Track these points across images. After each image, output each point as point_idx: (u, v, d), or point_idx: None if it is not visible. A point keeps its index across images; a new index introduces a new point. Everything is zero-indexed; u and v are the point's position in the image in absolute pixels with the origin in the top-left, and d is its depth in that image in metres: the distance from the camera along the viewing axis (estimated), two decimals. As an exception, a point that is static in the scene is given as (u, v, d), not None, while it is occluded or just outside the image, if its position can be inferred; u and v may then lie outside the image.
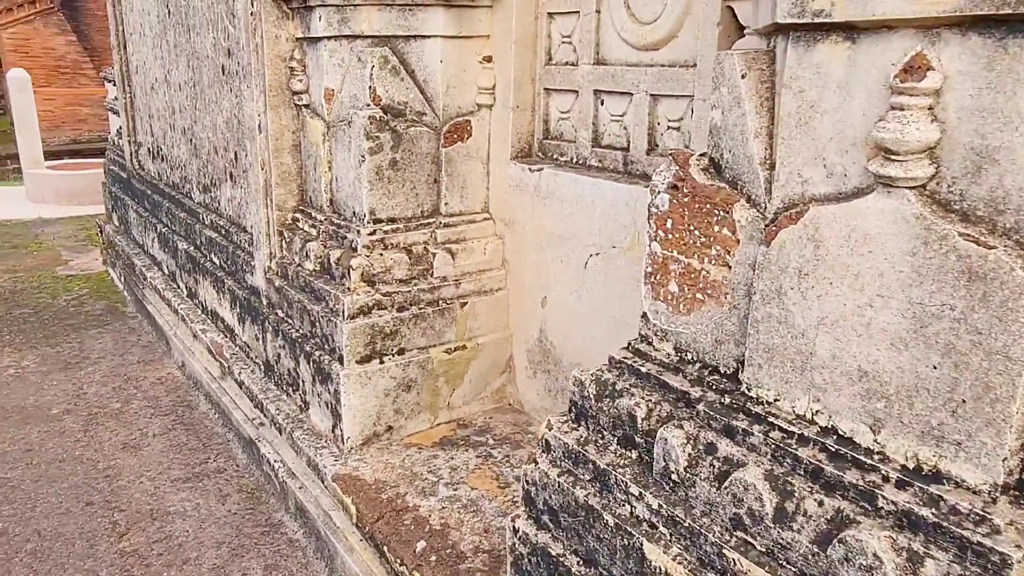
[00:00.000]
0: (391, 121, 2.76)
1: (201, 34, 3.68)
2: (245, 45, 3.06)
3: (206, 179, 3.97)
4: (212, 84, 3.65)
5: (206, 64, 3.68)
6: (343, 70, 2.86)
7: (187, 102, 4.04)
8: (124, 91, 5.09)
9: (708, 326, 1.54)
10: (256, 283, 3.37)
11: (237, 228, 3.62)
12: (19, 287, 5.77)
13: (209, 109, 3.74)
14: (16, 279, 5.95)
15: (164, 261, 4.71)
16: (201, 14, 3.63)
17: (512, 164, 2.92)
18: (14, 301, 5.48)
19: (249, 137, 3.19)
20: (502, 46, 2.87)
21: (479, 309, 3.00)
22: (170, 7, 4.02)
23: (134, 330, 4.98)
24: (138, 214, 5.14)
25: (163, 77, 4.36)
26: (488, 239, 3.04)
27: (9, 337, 4.86)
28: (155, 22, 4.31)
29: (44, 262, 6.40)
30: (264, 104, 3.02)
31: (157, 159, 4.80)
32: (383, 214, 2.82)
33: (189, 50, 3.88)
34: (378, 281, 2.79)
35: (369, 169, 2.74)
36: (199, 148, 3.99)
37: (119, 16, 4.94)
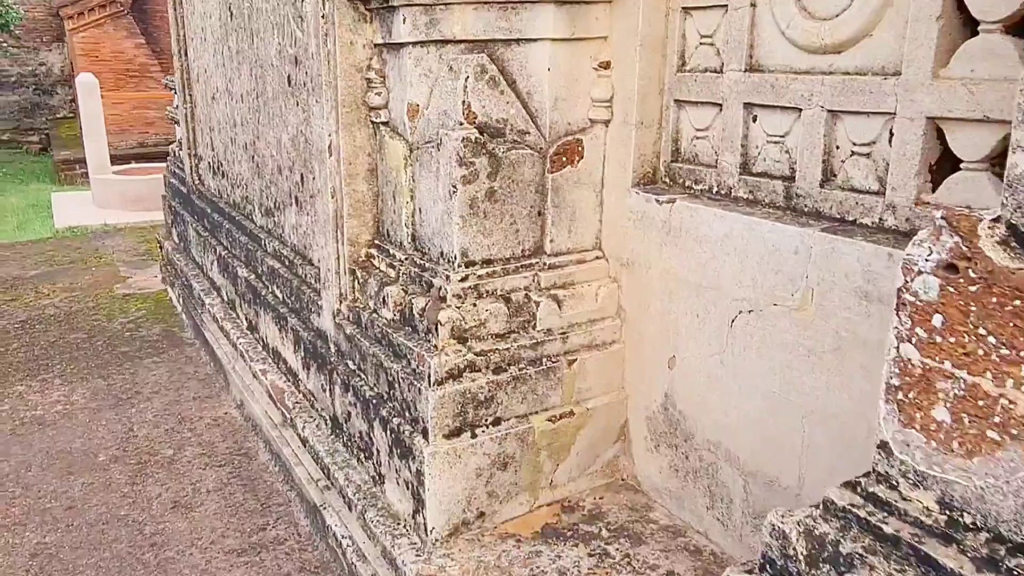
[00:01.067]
0: (488, 143, 2.31)
1: (265, 40, 3.30)
2: (315, 52, 2.66)
3: (269, 201, 3.59)
4: (277, 96, 3.26)
5: (270, 73, 3.30)
6: (430, 81, 2.42)
7: (249, 115, 3.68)
8: (185, 100, 4.79)
9: (1010, 482, 1.02)
10: (323, 326, 2.97)
11: (302, 260, 3.22)
12: (75, 308, 5.56)
13: (273, 124, 3.37)
14: (73, 299, 5.75)
15: (223, 287, 4.37)
16: (265, 17, 3.26)
17: (633, 192, 2.43)
18: (68, 324, 5.25)
19: (318, 158, 2.78)
20: (623, 49, 2.38)
21: (589, 367, 2.51)
22: (233, 9, 3.67)
23: (191, 360, 4.67)
24: (197, 233, 4.84)
25: (224, 86, 4.02)
26: (600, 283, 2.55)
27: (60, 366, 4.60)
28: (217, 26, 3.97)
29: (102, 279, 6.20)
30: (336, 121, 2.61)
31: (218, 175, 4.47)
32: (477, 255, 2.37)
33: (252, 57, 3.51)
34: (471, 337, 2.34)
35: (462, 201, 2.29)
36: (262, 167, 3.62)
37: (180, 19, 4.64)
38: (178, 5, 4.63)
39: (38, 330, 5.16)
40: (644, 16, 2.30)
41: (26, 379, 4.45)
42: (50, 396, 4.25)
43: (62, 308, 5.54)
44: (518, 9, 2.30)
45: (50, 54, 16.99)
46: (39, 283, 6.10)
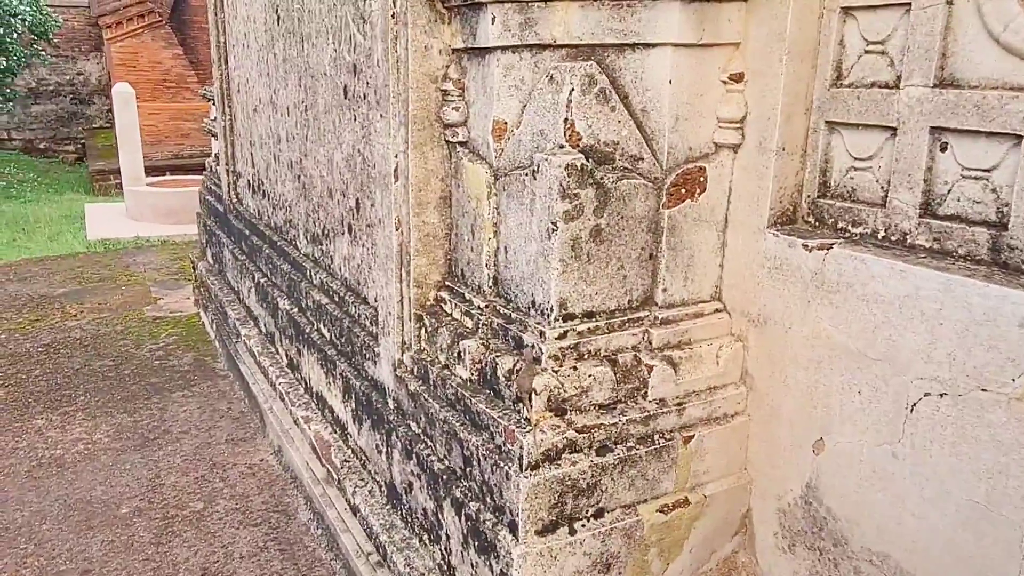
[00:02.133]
0: (596, 170, 1.88)
1: (317, 46, 2.92)
2: (380, 59, 2.25)
3: (316, 227, 3.20)
4: (330, 109, 2.87)
5: (322, 84, 2.91)
6: (522, 94, 2.00)
7: (296, 130, 3.29)
8: (223, 112, 4.44)
9: None
10: (380, 377, 2.55)
11: (355, 297, 2.82)
12: (102, 331, 5.22)
13: (324, 140, 2.97)
14: (100, 321, 5.41)
15: (261, 317, 3.99)
16: (319, 20, 2.87)
17: (768, 234, 1.98)
18: (95, 349, 4.90)
19: (380, 183, 2.38)
20: (761, 59, 1.94)
21: (708, 445, 2.07)
22: (280, 12, 3.29)
23: (224, 394, 4.29)
24: (234, 256, 4.47)
25: (268, 98, 3.65)
26: (722, 342, 2.11)
27: (84, 398, 4.25)
28: (261, 31, 3.60)
29: (132, 300, 5.87)
30: (404, 140, 2.20)
31: (258, 194, 4.10)
32: (577, 306, 1.94)
33: (301, 65, 3.13)
34: (571, 409, 1.90)
35: (562, 242, 1.86)
36: (309, 188, 3.23)
37: (220, 24, 4.29)
38: (219, 9, 4.29)
39: (62, 355, 4.82)
40: (793, 18, 1.86)
41: (47, 412, 4.10)
42: (71, 433, 3.88)
43: (89, 331, 5.21)
44: (635, 8, 1.88)
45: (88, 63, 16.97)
46: (66, 302, 5.78)
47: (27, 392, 4.32)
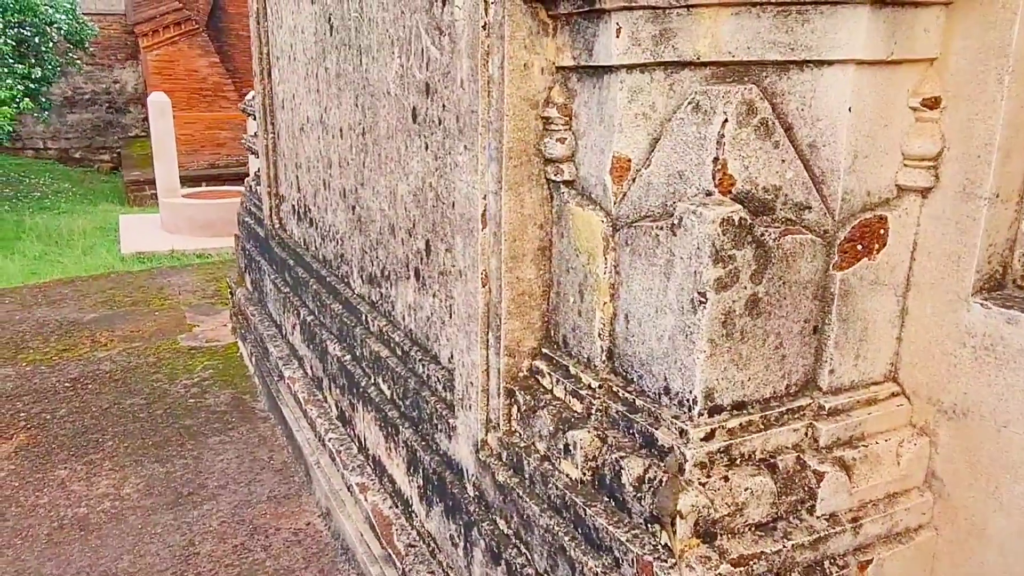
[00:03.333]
0: (754, 224, 1.47)
1: (379, 60, 2.54)
2: (465, 79, 1.86)
3: (374, 267, 2.83)
4: (393, 134, 2.49)
5: (384, 104, 2.54)
6: (653, 125, 1.60)
7: (351, 155, 2.93)
8: (265, 130, 4.10)
9: None
10: (457, 455, 2.16)
11: (423, 354, 2.43)
12: (133, 363, 4.91)
13: (386, 169, 2.60)
14: (132, 351, 5.11)
15: (307, 359, 3.63)
16: (381, 30, 2.50)
17: (973, 304, 1.55)
18: (126, 385, 4.59)
19: (461, 228, 1.99)
20: (968, 78, 1.51)
21: (889, 571, 1.64)
22: (333, 21, 2.93)
23: (265, 440, 3.94)
24: (276, 287, 4.12)
25: (317, 117, 3.29)
26: (902, 435, 1.68)
27: (112, 443, 3.92)
28: (311, 43, 3.24)
29: (166, 326, 5.57)
30: (497, 178, 1.81)
31: (303, 222, 3.75)
32: (726, 396, 1.53)
33: (358, 82, 2.76)
34: (722, 532, 1.49)
35: (712, 317, 1.45)
36: (365, 222, 2.86)
37: (263, 35, 3.95)
38: (261, 18, 3.95)
39: (90, 391, 4.52)
40: (1022, 27, 1.43)
41: (71, 460, 3.78)
42: (97, 486, 3.55)
43: (119, 363, 4.90)
44: (808, 15, 1.47)
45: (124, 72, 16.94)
46: (97, 329, 5.50)
47: (51, 436, 4.01)
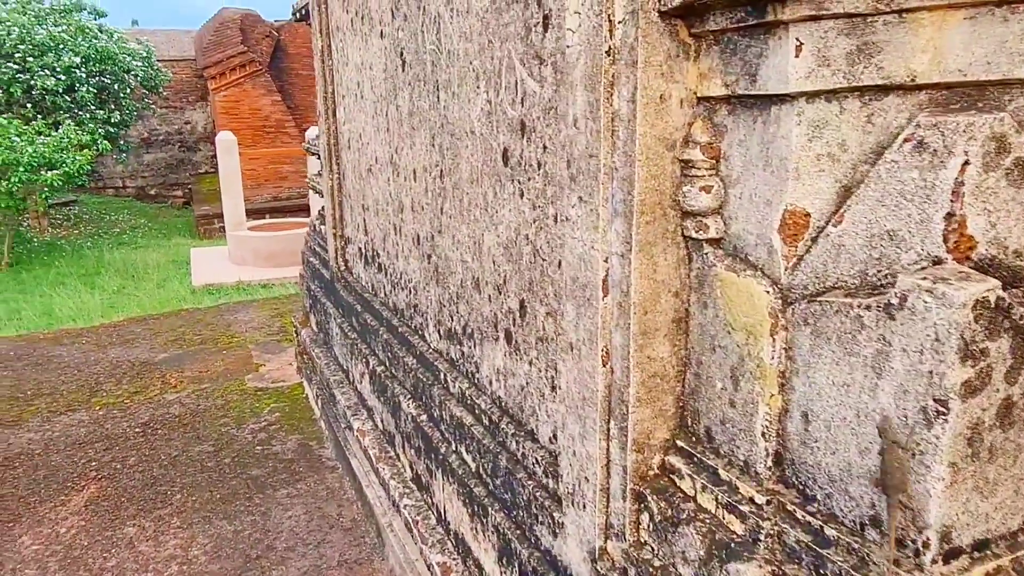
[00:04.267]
0: (1012, 305, 1.00)
1: (460, 96, 2.13)
2: (580, 115, 1.44)
3: (453, 322, 2.41)
4: (479, 178, 2.08)
5: (468, 144, 2.13)
6: (843, 168, 1.15)
7: (427, 199, 2.52)
8: (330, 170, 3.73)
9: None
10: (564, 558, 1.71)
11: (516, 427, 2.00)
12: (202, 406, 4.58)
13: (468, 217, 2.18)
14: (200, 392, 4.78)
15: (377, 411, 3.22)
16: (463, 62, 2.09)
17: None
18: (194, 430, 4.25)
19: (573, 294, 1.55)
20: None
21: None
22: (406, 56, 2.54)
23: (333, 494, 3.54)
24: (342, 331, 3.74)
25: (387, 157, 2.90)
26: None
27: (181, 497, 3.57)
28: (380, 79, 2.86)
29: (233, 367, 5.24)
30: (625, 237, 1.37)
31: (371, 266, 3.36)
32: (966, 534, 1.06)
33: (435, 121, 2.35)
34: None
35: (956, 433, 0.99)
36: (443, 272, 2.44)
37: (328, 72, 3.60)
38: (326, 56, 3.59)
39: (159, 437, 4.19)
40: None
41: (140, 516, 3.43)
42: (165, 547, 3.19)
43: (188, 406, 4.57)
44: (1077, 16, 1.00)
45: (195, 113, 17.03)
46: (167, 370, 5.20)
47: (121, 488, 3.68)
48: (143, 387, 4.91)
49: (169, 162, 16.99)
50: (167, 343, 5.81)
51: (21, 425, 4.37)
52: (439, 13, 2.22)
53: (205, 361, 5.35)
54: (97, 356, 5.54)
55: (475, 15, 1.98)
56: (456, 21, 2.10)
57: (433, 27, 2.28)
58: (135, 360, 5.42)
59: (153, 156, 16.83)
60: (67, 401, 4.72)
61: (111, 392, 4.84)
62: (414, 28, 2.44)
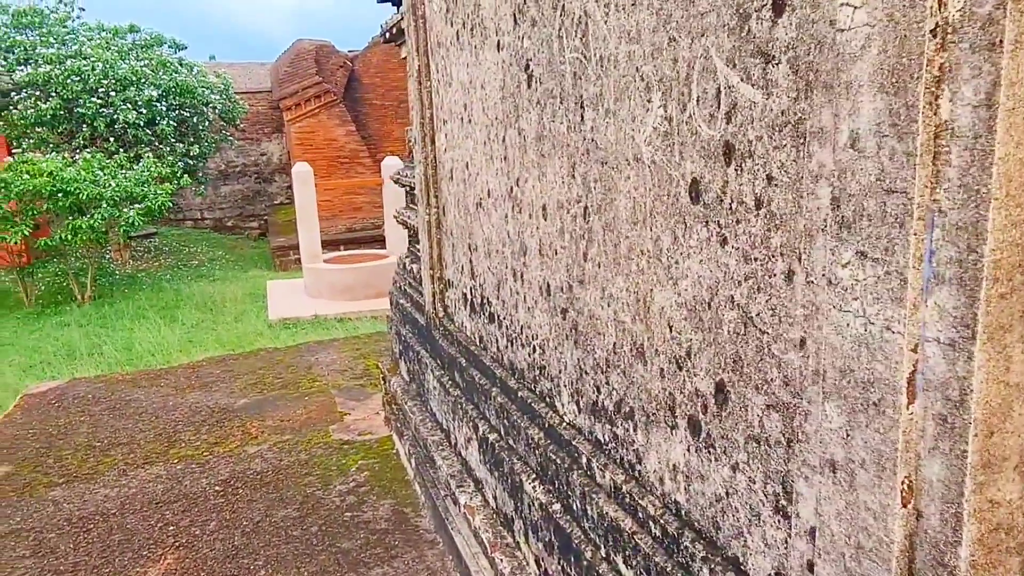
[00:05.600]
0: None
1: (618, 113, 1.69)
2: (869, 128, 0.97)
3: (601, 395, 1.94)
4: (647, 218, 1.62)
5: (628, 174, 1.68)
6: None
7: (561, 241, 2.08)
8: (427, 204, 3.35)
9: None
10: None
11: (708, 549, 1.51)
12: (285, 462, 4.23)
13: (628, 266, 1.72)
14: (283, 445, 4.45)
15: (489, 485, 2.78)
16: (623, 69, 1.65)
17: None
18: (277, 490, 3.90)
19: (836, 389, 1.07)
20: None
21: None
22: (533, 69, 2.12)
23: (434, 575, 3.10)
24: (441, 385, 3.33)
25: (504, 190, 2.48)
26: None
27: (264, 573, 3.19)
28: (495, 100, 2.46)
29: (316, 415, 4.91)
30: (960, 315, 0.89)
31: (479, 315, 2.94)
32: None
33: (576, 146, 1.92)
34: None
35: None
36: (585, 332, 1.99)
37: (425, 96, 3.23)
38: (423, 78, 3.23)
39: (241, 499, 3.85)
40: None
41: (220, 596, 3.07)
42: (248, 639, 2.80)
43: (271, 462, 4.24)
44: None
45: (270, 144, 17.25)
46: (247, 418, 4.90)
47: (200, 558, 3.33)
48: (223, 437, 4.61)
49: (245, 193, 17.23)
50: (246, 387, 5.54)
51: (97, 479, 4.12)
52: (586, 12, 1.79)
53: (286, 408, 5.04)
54: (175, 401, 5.31)
55: (646, 7, 1.54)
56: (614, 19, 1.67)
57: (576, 30, 1.85)
58: (214, 406, 5.15)
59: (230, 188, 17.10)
60: (144, 452, 4.46)
61: (190, 443, 4.56)
62: (546, 34, 2.02)
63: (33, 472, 4.22)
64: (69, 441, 4.64)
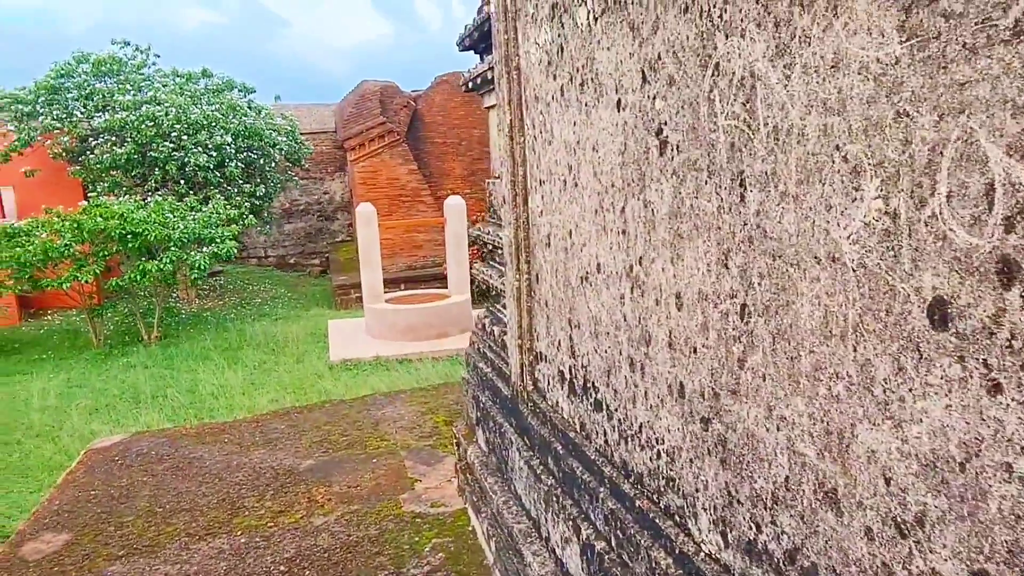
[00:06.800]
0: None
1: (803, 199, 1.34)
2: None
3: (762, 535, 1.57)
4: (847, 335, 1.26)
5: (817, 274, 1.32)
6: None
7: (704, 339, 1.73)
8: (516, 268, 3.04)
9: None
10: None
11: None
12: (353, 536, 3.92)
13: (814, 388, 1.36)
14: (351, 517, 4.14)
15: (594, 601, 2.40)
16: (814, 145, 1.31)
17: None
18: (346, 572, 3.58)
19: None
20: None
21: None
22: (669, 134, 1.79)
23: None
24: (531, 469, 2.98)
25: (620, 267, 2.15)
26: None
27: None
28: (613, 164, 2.13)
29: (385, 480, 4.60)
30: None
31: (581, 399, 2.59)
32: None
33: (733, 230, 1.57)
34: None
35: None
36: (738, 452, 1.62)
37: (518, 153, 2.93)
38: (516, 132, 2.94)
39: (308, 580, 3.54)
40: None
41: None
42: None
43: (339, 537, 3.93)
44: None
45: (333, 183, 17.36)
46: (313, 483, 4.62)
47: (264, 656, 3.02)
48: (287, 506, 4.33)
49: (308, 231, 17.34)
50: (312, 445, 5.28)
51: (157, 553, 3.87)
52: (753, 73, 1.45)
53: (354, 472, 4.74)
54: (239, 460, 5.07)
55: (856, 72, 1.19)
56: (799, 84, 1.33)
57: (736, 93, 1.51)
58: (278, 467, 4.90)
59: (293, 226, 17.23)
60: (207, 521, 4.21)
61: (253, 511, 4.30)
62: (690, 96, 1.69)
63: (93, 542, 3.99)
64: (131, 506, 4.43)
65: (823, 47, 1.27)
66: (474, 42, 5.86)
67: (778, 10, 1.37)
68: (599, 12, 2.12)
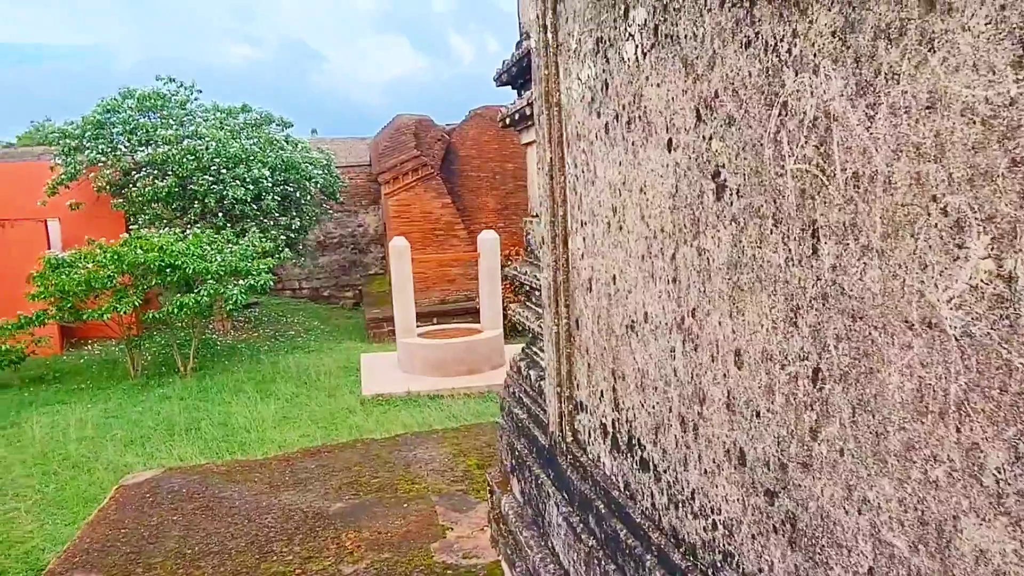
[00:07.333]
0: None
1: (888, 256, 1.19)
2: None
3: (846, 635, 1.37)
4: (948, 413, 1.09)
5: (910, 340, 1.16)
6: None
7: (769, 403, 1.56)
8: (555, 312, 2.90)
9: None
10: None
11: None
12: (383, 589, 3.76)
13: (907, 471, 1.19)
14: (381, 566, 3.98)
15: None
16: (899, 196, 1.15)
17: None
18: (375, 629, 3.41)
19: None
20: None
21: None
22: (728, 177, 1.65)
23: None
24: (571, 528, 2.80)
25: (671, 318, 1.99)
26: None
27: None
28: (661, 209, 1.99)
29: (416, 527, 4.43)
30: None
31: (625, 456, 2.42)
32: None
33: (803, 285, 1.41)
34: None
35: None
36: (811, 535, 1.44)
37: (559, 193, 2.81)
38: (556, 171, 2.82)
39: (334, 635, 3.38)
40: None
41: None
42: None
43: (366, 587, 3.77)
44: None
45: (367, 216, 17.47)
46: (342, 528, 4.48)
47: None
48: (316, 551, 4.19)
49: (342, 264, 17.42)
50: (342, 487, 5.14)
51: (183, 599, 3.74)
52: (828, 113, 1.31)
53: (384, 517, 4.59)
54: (268, 501, 4.95)
55: (958, 114, 1.04)
56: (886, 126, 1.18)
57: (808, 135, 1.37)
58: (308, 510, 4.76)
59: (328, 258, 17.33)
60: (235, 565, 4.08)
61: (282, 556, 4.16)
62: (752, 136, 1.55)
63: (119, 586, 3.89)
64: (160, 547, 4.32)
65: (915, 85, 1.12)
66: (512, 77, 5.79)
67: (859, 44, 1.23)
68: (648, 47, 2.00)
